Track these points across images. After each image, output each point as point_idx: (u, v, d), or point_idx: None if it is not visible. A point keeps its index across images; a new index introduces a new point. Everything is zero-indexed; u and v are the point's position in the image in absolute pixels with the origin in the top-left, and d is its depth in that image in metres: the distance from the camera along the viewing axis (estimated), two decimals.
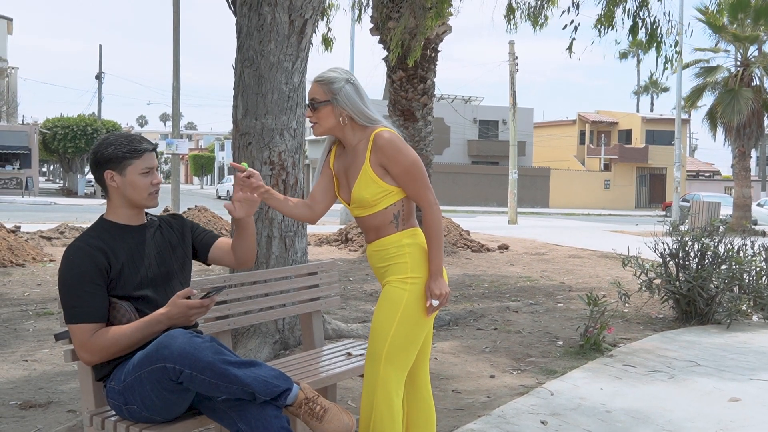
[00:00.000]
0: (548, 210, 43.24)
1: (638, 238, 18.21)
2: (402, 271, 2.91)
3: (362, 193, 2.91)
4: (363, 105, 2.95)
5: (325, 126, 2.96)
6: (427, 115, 13.13)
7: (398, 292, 2.90)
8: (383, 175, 2.91)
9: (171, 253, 2.91)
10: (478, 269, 11.66)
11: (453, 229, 15.03)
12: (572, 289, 9.39)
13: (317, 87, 2.95)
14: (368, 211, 2.94)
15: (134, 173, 2.78)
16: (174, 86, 22.70)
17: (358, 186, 2.92)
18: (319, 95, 2.94)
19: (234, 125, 5.67)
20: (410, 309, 2.89)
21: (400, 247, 2.93)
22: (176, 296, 2.67)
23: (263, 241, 5.52)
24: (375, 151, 2.89)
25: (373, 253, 3.00)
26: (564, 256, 14.03)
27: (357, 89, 2.97)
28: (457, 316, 7.14)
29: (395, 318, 2.88)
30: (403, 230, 2.95)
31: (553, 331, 6.68)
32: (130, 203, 2.81)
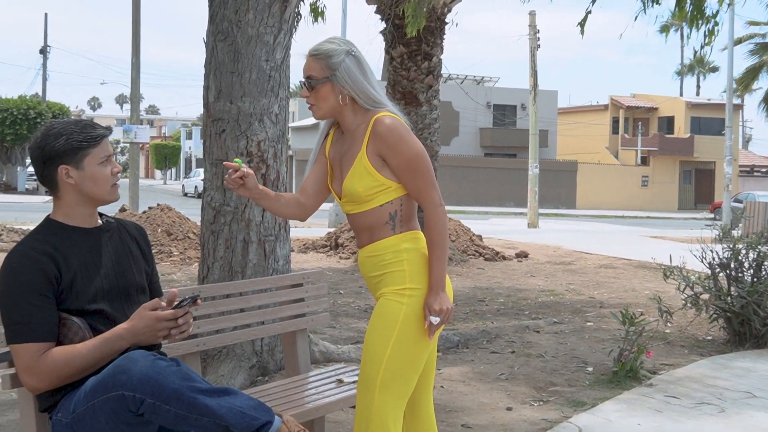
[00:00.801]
0: (575, 211, 43.30)
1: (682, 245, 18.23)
2: (399, 281, 2.91)
3: (354, 186, 2.91)
4: (366, 83, 2.96)
5: (326, 108, 2.97)
6: (433, 99, 13.14)
7: (394, 306, 2.89)
8: (381, 166, 2.92)
9: (131, 262, 2.90)
10: (492, 281, 11.67)
11: (462, 233, 15.04)
12: (604, 306, 9.40)
13: (313, 62, 2.95)
14: (360, 207, 2.94)
15: (93, 164, 2.78)
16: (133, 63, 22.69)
17: (351, 176, 2.92)
18: (316, 72, 2.94)
19: (205, 109, 5.66)
20: (408, 326, 2.89)
21: (397, 252, 2.93)
22: (142, 308, 2.67)
23: (238, 247, 5.52)
24: (374, 138, 2.90)
25: (366, 260, 3.00)
26: (594, 265, 14.05)
27: (359, 63, 2.97)
28: (467, 337, 7.14)
29: (391, 337, 2.87)
30: (401, 233, 2.95)
31: (582, 354, 6.68)
32: (90, 200, 2.81)
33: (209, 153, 5.60)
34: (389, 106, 2.99)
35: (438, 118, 13.36)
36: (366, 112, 2.96)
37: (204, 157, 5.71)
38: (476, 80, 51.19)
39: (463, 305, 9.30)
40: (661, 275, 7.64)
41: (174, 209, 14.56)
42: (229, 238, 5.50)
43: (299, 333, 4.14)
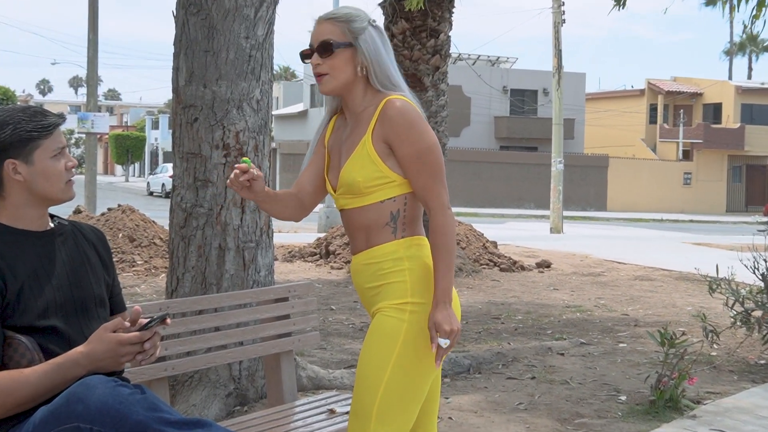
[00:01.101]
0: (606, 214, 43.34)
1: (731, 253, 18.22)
2: (399, 294, 2.92)
3: (353, 174, 2.93)
4: (387, 57, 3.01)
5: (340, 79, 2.99)
6: (440, 83, 13.16)
7: (393, 323, 2.90)
8: (386, 155, 2.93)
9: (89, 271, 2.91)
10: (508, 295, 11.68)
11: (474, 239, 15.07)
12: (639, 324, 9.41)
13: (330, 25, 2.98)
14: (357, 201, 2.94)
15: (44, 158, 2.79)
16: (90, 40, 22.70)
17: (351, 163, 2.94)
18: (336, 36, 2.97)
19: (174, 94, 5.67)
20: (410, 348, 2.89)
21: (397, 260, 2.94)
22: (102, 328, 2.66)
23: (213, 255, 5.53)
24: (382, 121, 2.92)
25: (361, 268, 3.01)
26: (627, 277, 14.06)
27: (382, 36, 3.03)
28: (479, 360, 7.14)
29: (389, 360, 2.88)
30: (402, 238, 2.96)
31: (613, 381, 6.69)
32: (41, 200, 2.82)
33: (179, 145, 5.61)
34: (406, 92, 3.01)
35: (446, 105, 13.38)
36: (376, 94, 2.99)
37: (173, 150, 5.71)
38: (491, 61, 51.22)
39: (474, 323, 9.30)
40: (706, 288, 7.65)
41: (137, 211, 14.57)
42: (203, 245, 5.51)
43: (284, 355, 4.15)
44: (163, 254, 13.16)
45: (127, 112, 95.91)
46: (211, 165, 5.48)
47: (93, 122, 23.29)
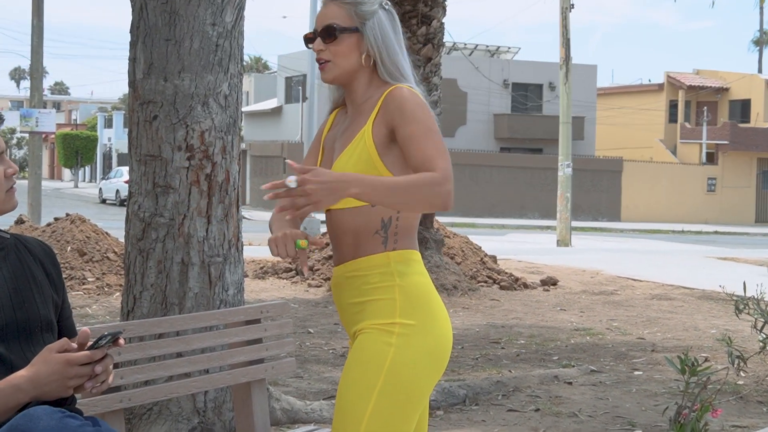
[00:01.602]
0: (619, 224, 43.45)
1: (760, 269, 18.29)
2: (386, 313, 2.95)
3: (346, 167, 2.97)
4: (397, 45, 3.09)
5: (344, 66, 3.07)
6: (432, 76, 13.22)
7: (379, 347, 2.93)
8: (385, 148, 2.98)
9: (34, 291, 2.92)
10: (510, 316, 11.71)
11: (471, 253, 15.11)
12: (657, 349, 9.46)
13: (337, 8, 3.07)
14: (346, 201, 2.94)
15: None
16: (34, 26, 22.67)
17: (345, 156, 3.00)
18: (341, 19, 3.05)
19: (131, 89, 5.68)
20: (397, 375, 2.91)
21: (386, 274, 2.97)
22: (47, 349, 2.67)
23: (174, 271, 5.53)
24: (385, 107, 2.99)
25: (345, 281, 3.04)
26: (644, 296, 14.12)
27: (394, 22, 3.11)
28: (476, 390, 7.16)
29: (374, 389, 2.90)
30: (393, 250, 2.99)
31: (628, 413, 6.72)
32: None
33: (137, 146, 5.62)
34: (414, 85, 3.08)
35: (439, 101, 13.42)
36: (381, 85, 3.07)
37: (129, 152, 5.72)
38: (490, 51, 51.37)
39: (471, 348, 9.33)
40: (732, 309, 7.69)
41: (88, 221, 14.54)
42: (163, 260, 5.52)
43: (255, 385, 4.16)
44: (118, 270, 13.14)
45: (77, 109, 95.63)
46: (172, 169, 5.49)
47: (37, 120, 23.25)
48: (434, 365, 2.98)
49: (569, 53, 27.71)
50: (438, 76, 13.37)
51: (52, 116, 24.74)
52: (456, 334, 10.15)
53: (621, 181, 47.58)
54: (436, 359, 2.98)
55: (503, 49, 52.19)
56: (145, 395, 3.76)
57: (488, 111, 48.40)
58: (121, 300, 5.83)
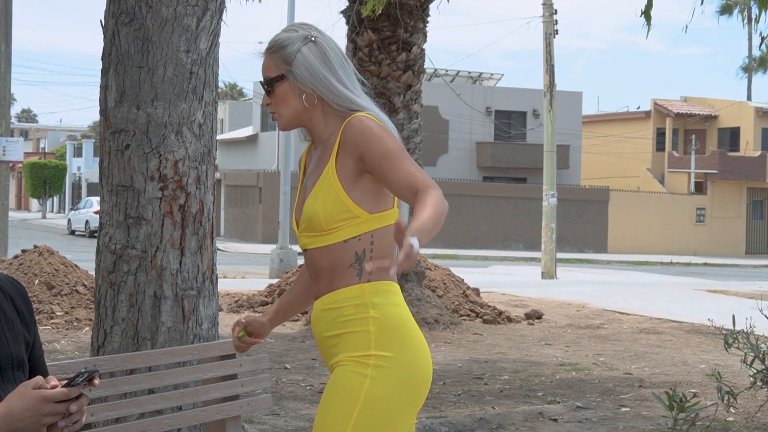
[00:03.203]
0: (606, 256, 43.57)
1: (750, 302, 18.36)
2: (361, 345, 2.99)
3: (315, 207, 3.03)
4: (331, 76, 3.11)
5: (288, 114, 3.16)
6: (413, 103, 13.27)
7: (353, 378, 2.96)
8: (352, 183, 3.03)
9: (5, 328, 2.91)
10: (493, 351, 11.71)
11: (453, 286, 15.13)
12: (644, 385, 9.47)
13: (269, 58, 3.16)
14: (319, 240, 3.04)
15: None
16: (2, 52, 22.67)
17: (314, 195, 3.06)
18: (271, 70, 3.15)
19: (102, 117, 5.69)
20: (373, 408, 2.94)
21: (360, 306, 3.01)
22: (23, 385, 2.66)
23: (147, 304, 5.53)
24: (345, 140, 3.04)
25: (321, 314, 3.09)
26: (631, 330, 14.15)
27: (322, 51, 3.13)
28: (459, 427, 7.16)
29: (348, 422, 2.93)
30: (368, 281, 3.03)
31: None
32: None
33: (108, 176, 5.62)
34: (371, 108, 3.11)
35: (420, 129, 13.47)
36: (338, 118, 3.11)
37: (100, 182, 5.73)
38: (472, 77, 51.61)
39: (453, 384, 9.33)
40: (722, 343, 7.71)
41: (57, 253, 14.50)
42: (135, 293, 5.51)
43: (230, 422, 4.16)
44: (88, 304, 13.09)
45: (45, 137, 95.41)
46: (145, 200, 5.49)
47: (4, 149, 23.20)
48: (411, 397, 3.01)
49: (553, 80, 27.87)
50: (419, 103, 13.43)
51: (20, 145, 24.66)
52: (438, 369, 10.15)
53: (607, 211, 47.75)
54: (413, 391, 3.01)
55: (486, 75, 52.44)
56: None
57: (470, 139, 48.53)
58: (91, 335, 5.81)
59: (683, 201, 50.41)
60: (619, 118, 56.88)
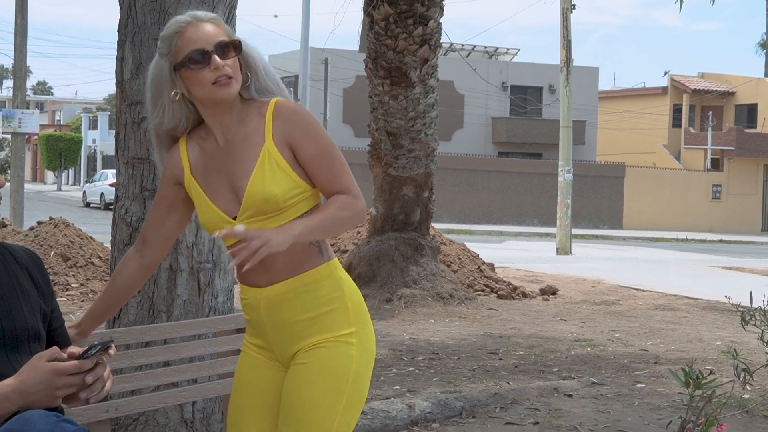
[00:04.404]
0: (621, 232, 43.50)
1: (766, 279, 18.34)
2: (342, 323, 3.02)
3: (269, 188, 2.97)
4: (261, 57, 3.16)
5: (238, 85, 3.06)
6: (428, 78, 13.24)
7: (342, 361, 3.00)
8: (292, 163, 3.02)
9: (20, 300, 2.92)
10: (508, 326, 11.71)
11: (468, 261, 15.11)
12: (660, 361, 9.46)
13: (213, 26, 3.07)
14: (274, 221, 2.98)
15: None
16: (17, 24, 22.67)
17: (259, 176, 2.98)
18: (224, 36, 3.06)
19: (118, 89, 5.68)
20: (360, 384, 3.03)
21: (335, 284, 3.04)
22: (37, 357, 2.68)
23: (162, 277, 5.53)
24: (279, 123, 3.02)
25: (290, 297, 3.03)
26: (646, 306, 14.12)
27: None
28: (473, 402, 7.16)
29: (340, 403, 2.98)
30: (329, 259, 3.07)
31: (630, 427, 6.72)
32: None
33: (124, 149, 5.62)
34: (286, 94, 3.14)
35: (436, 104, 13.44)
36: (250, 103, 3.09)
37: (116, 155, 5.72)
38: (488, 52, 51.46)
39: (468, 359, 9.33)
40: (738, 320, 7.69)
41: (72, 225, 14.53)
42: None
43: None
44: (103, 276, 13.13)
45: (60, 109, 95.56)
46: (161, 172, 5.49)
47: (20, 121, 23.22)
48: (372, 365, 3.13)
49: (570, 55, 27.75)
50: (435, 77, 13.39)
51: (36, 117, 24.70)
52: (452, 344, 10.17)
53: (623, 188, 47.61)
54: (373, 359, 3.13)
55: (502, 50, 52.26)
56: (131, 405, 3.77)
57: (486, 114, 48.44)
58: None
59: (699, 178, 50.23)
60: (635, 93, 56.66)
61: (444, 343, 10.22)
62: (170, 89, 3.07)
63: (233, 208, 3.03)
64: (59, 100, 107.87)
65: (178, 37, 3.04)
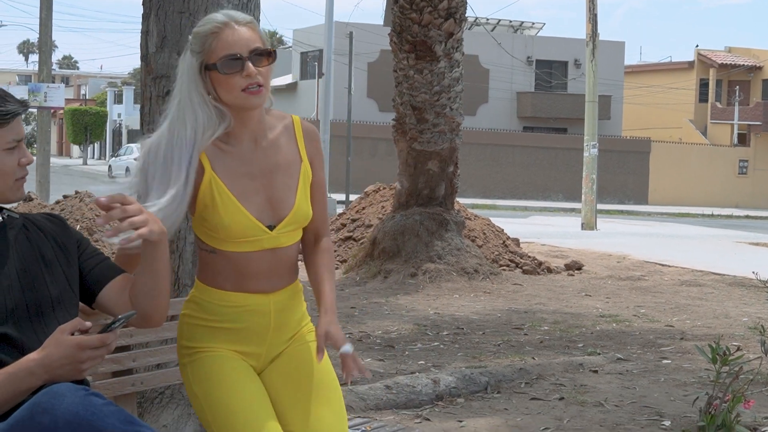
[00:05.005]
0: (647, 208, 43.38)
1: None
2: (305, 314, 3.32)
3: (306, 207, 3.13)
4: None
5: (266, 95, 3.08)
6: (454, 52, 13.18)
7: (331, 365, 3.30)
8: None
9: (43, 270, 2.92)
10: (533, 302, 11.70)
11: (493, 236, 15.08)
12: (686, 337, 9.43)
13: (251, 30, 3.04)
14: (295, 235, 3.17)
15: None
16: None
17: (304, 197, 3.13)
18: (260, 42, 3.05)
19: (143, 63, 5.67)
20: None
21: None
22: (59, 330, 2.68)
23: (188, 251, 5.53)
24: (307, 144, 3.16)
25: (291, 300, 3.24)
26: (672, 282, 14.08)
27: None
28: (498, 377, 7.15)
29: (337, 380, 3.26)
30: None
31: (656, 403, 6.70)
32: None
33: (149, 122, 5.61)
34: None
35: (461, 78, 13.39)
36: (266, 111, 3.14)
37: (141, 129, 5.72)
38: (513, 27, 51.25)
39: (493, 334, 9.33)
40: (765, 296, 7.66)
41: None
42: (175, 239, 5.51)
43: None
44: None
45: (86, 84, 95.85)
46: None
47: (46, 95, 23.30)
48: None
49: (596, 29, 27.59)
50: (460, 51, 13.33)
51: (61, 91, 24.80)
52: (477, 319, 10.17)
53: (649, 163, 47.45)
54: None
55: (527, 24, 52.04)
56: (157, 379, 3.77)
57: (511, 89, 48.30)
58: None
59: (726, 153, 49.98)
60: (661, 68, 56.40)
61: (469, 318, 10.22)
62: (198, 88, 3.03)
63: (266, 217, 3.06)
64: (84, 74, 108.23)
65: (214, 38, 3.01)
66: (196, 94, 3.00)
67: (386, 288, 12.05)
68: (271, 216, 3.06)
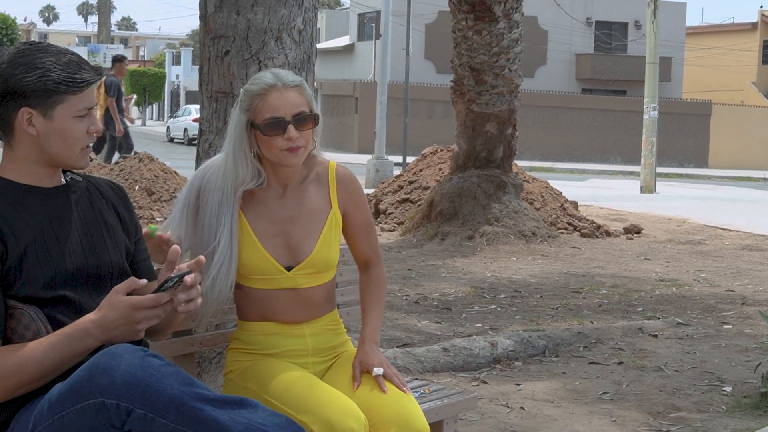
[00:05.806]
0: (707, 171, 42.95)
1: None
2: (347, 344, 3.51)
3: (333, 254, 3.29)
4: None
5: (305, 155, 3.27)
6: (513, 12, 13.06)
7: None
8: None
9: (105, 235, 2.93)
10: (591, 265, 11.63)
11: (551, 199, 15.00)
12: (747, 302, 9.33)
13: (297, 94, 3.21)
14: (320, 278, 3.31)
15: (67, 116, 2.81)
16: None
17: (327, 243, 3.27)
18: (304, 106, 3.22)
19: (202, 23, 5.67)
20: None
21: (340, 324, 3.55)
22: (114, 291, 2.69)
23: None
24: (341, 190, 3.33)
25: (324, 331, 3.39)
26: (733, 246, 13.92)
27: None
28: (557, 341, 7.14)
29: None
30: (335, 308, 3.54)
31: (716, 369, 6.66)
32: (49, 160, 2.85)
33: (208, 83, 5.62)
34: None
35: (520, 40, 13.26)
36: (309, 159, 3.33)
37: (200, 89, 5.73)
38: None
39: (550, 297, 9.29)
40: None
41: (157, 160, 14.71)
42: None
43: None
44: None
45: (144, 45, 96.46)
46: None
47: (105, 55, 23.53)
48: None
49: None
50: (519, 12, 13.20)
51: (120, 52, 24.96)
52: (534, 282, 10.14)
53: (709, 126, 46.94)
54: None
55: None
56: (215, 339, 3.80)
57: (570, 50, 47.93)
58: None
59: None
60: (723, 29, 55.63)
61: (526, 281, 10.18)
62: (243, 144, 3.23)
63: (284, 258, 3.25)
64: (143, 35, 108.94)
65: (260, 99, 3.20)
66: (241, 151, 3.22)
67: (443, 250, 12.04)
68: (289, 258, 3.25)
